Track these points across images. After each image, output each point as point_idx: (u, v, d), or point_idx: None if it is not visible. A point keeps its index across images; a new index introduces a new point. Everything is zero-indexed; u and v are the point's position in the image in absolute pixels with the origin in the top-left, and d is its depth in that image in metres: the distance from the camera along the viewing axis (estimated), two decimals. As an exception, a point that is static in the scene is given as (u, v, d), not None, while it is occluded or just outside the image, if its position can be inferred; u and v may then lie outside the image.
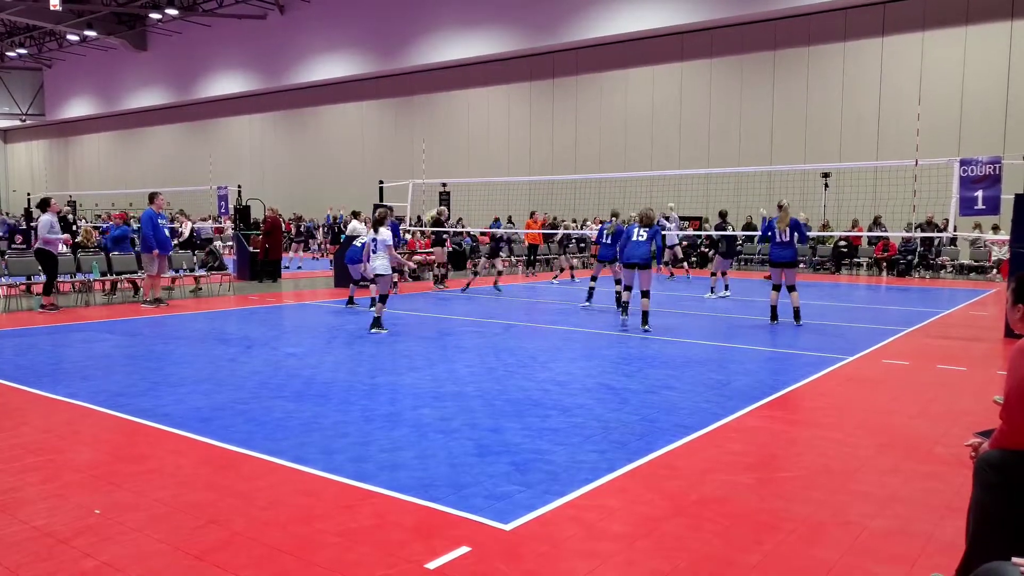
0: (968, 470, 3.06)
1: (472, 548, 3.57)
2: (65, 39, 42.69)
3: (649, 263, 10.41)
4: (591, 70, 29.23)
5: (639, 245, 10.42)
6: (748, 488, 4.43)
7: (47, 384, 6.91)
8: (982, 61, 21.88)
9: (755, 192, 23.38)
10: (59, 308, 12.22)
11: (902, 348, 9.42)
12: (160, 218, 13.18)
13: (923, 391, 7.11)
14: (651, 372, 7.71)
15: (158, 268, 13.03)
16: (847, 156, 23.49)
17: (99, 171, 49.84)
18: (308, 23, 35.08)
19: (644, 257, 10.39)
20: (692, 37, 26.59)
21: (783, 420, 5.97)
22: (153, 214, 13.01)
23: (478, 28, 29.73)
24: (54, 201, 12.73)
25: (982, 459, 2.99)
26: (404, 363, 8.09)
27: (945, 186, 12.52)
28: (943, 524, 3.93)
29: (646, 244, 10.41)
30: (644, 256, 10.39)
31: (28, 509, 4.03)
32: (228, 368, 7.74)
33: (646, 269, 10.40)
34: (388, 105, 35.53)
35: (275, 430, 5.49)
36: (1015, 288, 3.12)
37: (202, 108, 42.68)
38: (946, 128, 21.87)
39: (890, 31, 23.29)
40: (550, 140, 30.68)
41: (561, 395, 6.65)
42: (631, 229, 10.69)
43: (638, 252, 10.42)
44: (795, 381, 7.33)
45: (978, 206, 10.79)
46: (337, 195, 35.84)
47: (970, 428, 3.39)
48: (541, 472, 4.63)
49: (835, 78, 24.37)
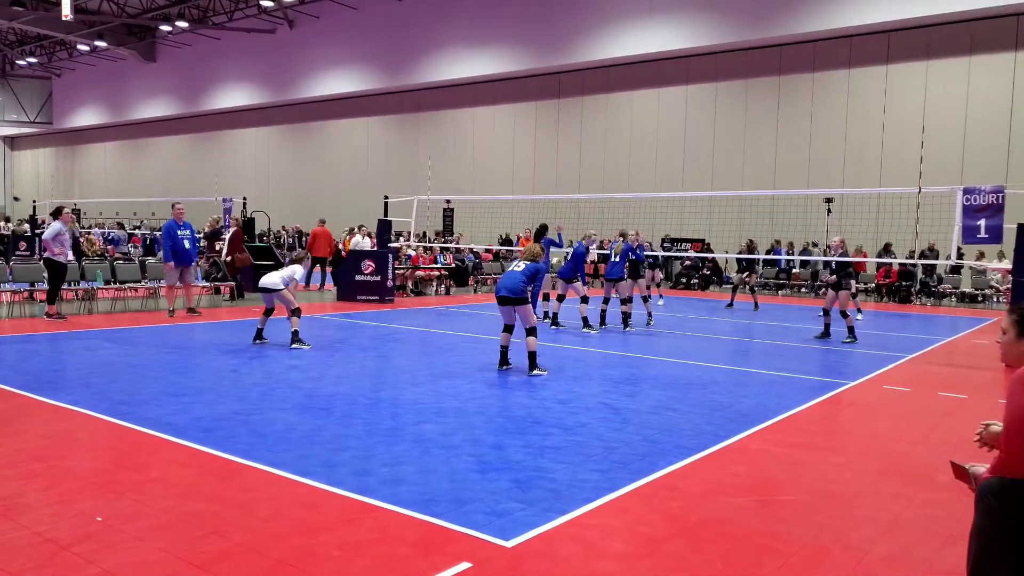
0: (970, 497, 3.07)
1: (473, 564, 3.57)
2: (75, 49, 43.02)
3: (523, 297, 9.68)
4: (597, 91, 29.42)
5: (512, 275, 9.88)
6: (749, 510, 4.43)
7: (49, 391, 6.92)
8: (985, 91, 22.02)
9: (758, 215, 23.45)
10: (65, 317, 12.20)
11: (904, 374, 9.43)
12: (184, 228, 13.13)
13: (924, 418, 7.12)
14: (653, 392, 7.72)
15: (181, 279, 12.99)
16: (850, 182, 23.58)
17: (105, 180, 50.04)
18: (317, 38, 35.36)
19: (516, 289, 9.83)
20: (697, 61, 26.79)
21: (785, 443, 5.97)
22: (174, 225, 13.01)
23: (486, 47, 29.97)
24: (67, 211, 12.71)
25: (983, 487, 3.00)
26: (406, 378, 8.10)
27: (948, 214, 12.58)
28: (945, 551, 3.92)
29: (520, 275, 9.82)
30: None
31: (30, 515, 4.03)
32: (230, 379, 7.75)
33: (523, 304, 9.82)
34: (394, 121, 35.74)
35: (277, 442, 5.50)
36: (1020, 319, 3.11)
37: (209, 120, 42.92)
38: (949, 157, 21.97)
39: (894, 59, 23.46)
40: (554, 159, 30.82)
41: (563, 413, 6.65)
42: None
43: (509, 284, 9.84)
44: (797, 405, 7.33)
45: (981, 235, 10.84)
46: (341, 209, 35.99)
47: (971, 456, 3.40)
48: (543, 490, 4.63)
49: (839, 104, 24.52)
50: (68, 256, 12.47)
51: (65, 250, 12.20)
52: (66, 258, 12.25)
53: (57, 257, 12.01)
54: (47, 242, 12.12)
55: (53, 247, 11.98)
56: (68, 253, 12.45)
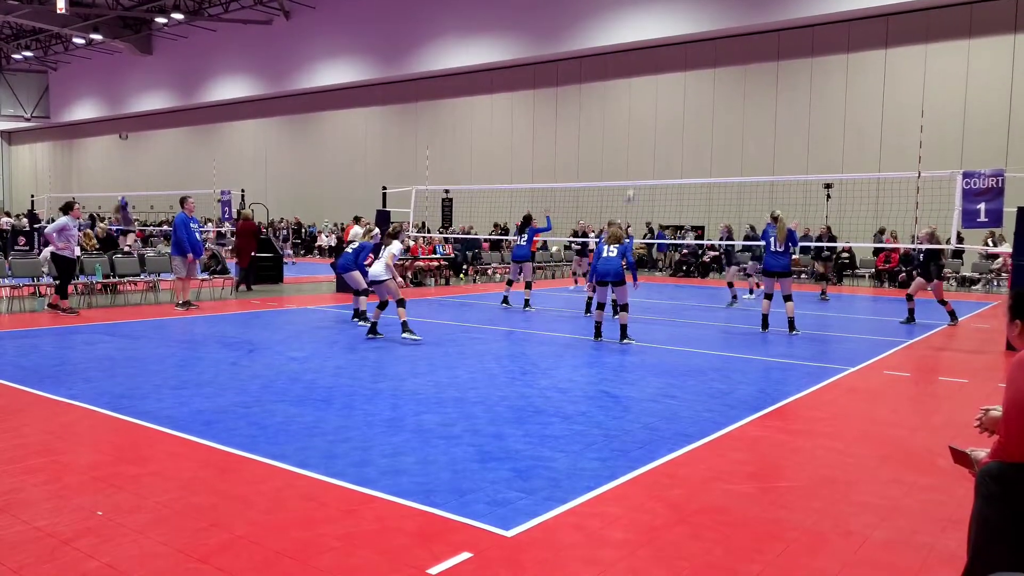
0: (969, 482, 3.07)
1: (474, 554, 3.57)
2: (71, 42, 42.85)
3: (622, 278, 10.14)
4: (594, 79, 29.31)
5: (610, 261, 10.22)
6: (749, 497, 4.43)
7: (49, 385, 6.92)
8: (985, 74, 21.93)
9: (757, 202, 23.40)
10: (77, 311, 12.12)
11: (903, 359, 9.43)
12: (192, 222, 13.17)
13: (924, 403, 7.12)
14: (652, 380, 7.71)
15: (188, 271, 13.04)
16: (849, 167, 23.52)
17: (103, 174, 49.92)
18: (313, 29, 35.20)
19: (617, 273, 10.18)
20: (696, 47, 26.67)
21: (784, 430, 5.97)
22: (185, 218, 13.03)
23: (483, 36, 29.82)
24: (77, 206, 12.56)
25: (983, 471, 2.99)
26: (406, 368, 8.10)
27: (948, 198, 12.54)
28: (944, 536, 3.93)
29: (617, 259, 10.19)
30: (617, 272, 10.18)
31: (30, 510, 4.03)
32: (230, 372, 7.75)
33: (620, 285, 10.22)
34: (392, 111, 35.62)
35: (277, 434, 5.50)
36: (1012, 304, 3.13)
37: (206, 112, 42.79)
38: (949, 140, 21.90)
39: (893, 43, 23.35)
40: (553, 148, 30.74)
41: (563, 402, 6.65)
42: (600, 247, 10.41)
43: (610, 268, 10.17)
44: (797, 391, 7.33)
45: (981, 219, 10.81)
46: (340, 200, 35.93)
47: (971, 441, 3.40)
48: (543, 479, 4.64)
49: (838, 89, 24.42)
50: (75, 251, 12.32)
51: (71, 245, 12.02)
52: (71, 252, 12.07)
53: (62, 252, 11.88)
54: (50, 236, 12.01)
55: (57, 241, 11.84)
56: (75, 248, 12.30)
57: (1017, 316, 3.11)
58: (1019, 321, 3.11)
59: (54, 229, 11.97)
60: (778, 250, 11.21)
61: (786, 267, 11.24)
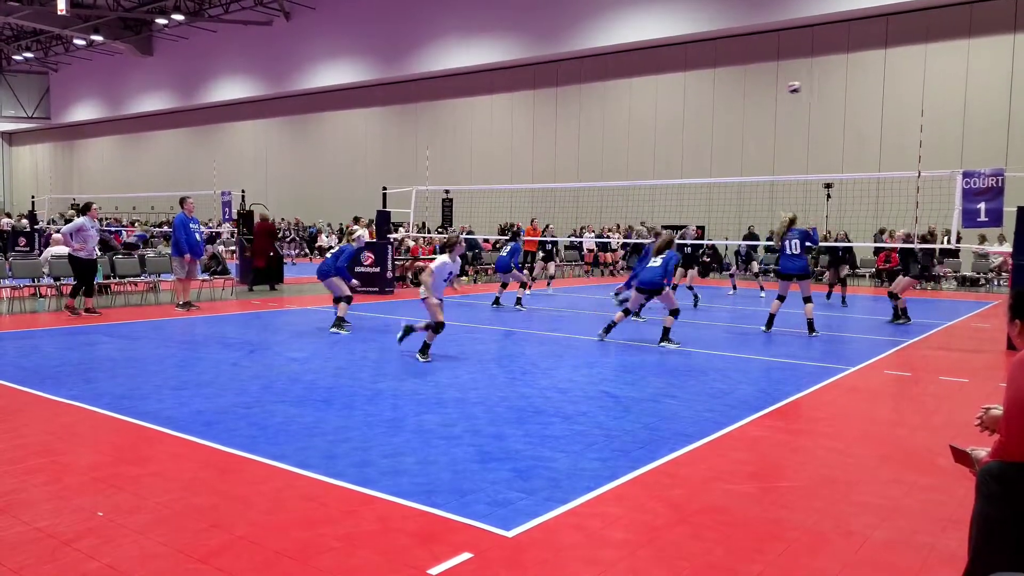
0: (970, 482, 3.06)
1: (474, 554, 3.57)
2: (71, 43, 42.88)
3: (660, 288, 10.13)
4: (594, 79, 29.31)
5: (654, 271, 10.21)
6: (750, 497, 4.43)
7: (50, 386, 6.92)
8: (985, 74, 21.93)
9: (757, 202, 23.40)
10: (98, 311, 12.08)
11: (904, 359, 9.42)
12: (192, 222, 13.12)
13: (925, 402, 7.11)
14: (653, 380, 7.71)
15: (188, 272, 13.02)
16: (849, 167, 23.52)
17: (104, 175, 49.97)
18: (314, 29, 35.22)
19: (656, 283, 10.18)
20: (696, 47, 26.67)
21: (785, 430, 5.96)
22: (185, 219, 12.99)
23: (483, 36, 29.83)
24: (95, 207, 12.40)
25: (983, 471, 2.99)
26: (406, 369, 8.10)
27: (948, 198, 12.54)
28: (945, 536, 3.92)
29: (659, 270, 10.18)
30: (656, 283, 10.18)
31: (31, 511, 4.03)
32: (230, 372, 7.75)
33: (659, 293, 10.20)
34: (392, 112, 35.63)
35: (277, 434, 5.50)
36: (1013, 303, 3.14)
37: (207, 113, 42.81)
38: (949, 140, 21.90)
39: (893, 43, 23.35)
40: (553, 148, 30.74)
41: (563, 402, 6.65)
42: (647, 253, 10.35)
43: (651, 278, 10.21)
44: (797, 391, 7.33)
45: (981, 218, 10.80)
46: (340, 201, 35.94)
47: (972, 440, 3.40)
48: (543, 479, 4.63)
49: (838, 89, 24.43)
50: (93, 252, 12.09)
51: (87, 246, 11.82)
52: (87, 253, 11.85)
53: (77, 253, 11.74)
54: (65, 236, 11.88)
55: (73, 242, 11.70)
56: (93, 249, 12.08)
57: (1017, 315, 3.11)
58: (1019, 320, 3.11)
59: (70, 230, 11.83)
60: (795, 252, 11.17)
61: (803, 269, 11.21)
